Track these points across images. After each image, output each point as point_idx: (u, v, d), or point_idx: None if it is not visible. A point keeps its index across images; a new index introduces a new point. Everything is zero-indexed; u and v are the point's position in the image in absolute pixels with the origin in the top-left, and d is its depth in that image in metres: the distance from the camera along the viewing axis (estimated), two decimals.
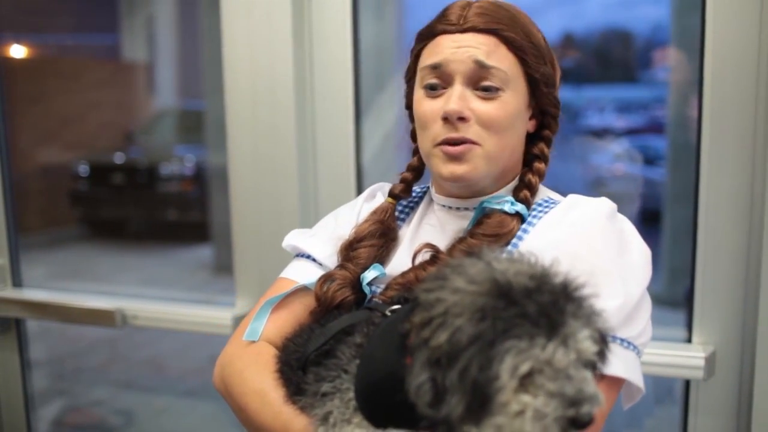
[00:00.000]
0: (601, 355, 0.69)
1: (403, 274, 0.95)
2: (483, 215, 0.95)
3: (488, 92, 0.92)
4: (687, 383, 1.57)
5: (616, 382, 0.84)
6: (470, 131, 0.92)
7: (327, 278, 0.99)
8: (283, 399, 0.88)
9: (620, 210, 0.96)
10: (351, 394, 0.78)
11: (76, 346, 3.72)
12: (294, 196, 1.73)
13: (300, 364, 0.87)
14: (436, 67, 0.94)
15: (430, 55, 0.96)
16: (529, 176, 0.99)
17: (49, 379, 3.01)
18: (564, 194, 1.02)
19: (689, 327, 1.55)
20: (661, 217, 2.68)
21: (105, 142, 7.54)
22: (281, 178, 1.73)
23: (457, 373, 0.61)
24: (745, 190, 1.45)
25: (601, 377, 0.78)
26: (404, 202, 1.10)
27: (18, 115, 6.28)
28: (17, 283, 2.23)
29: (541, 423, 0.61)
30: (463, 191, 1.00)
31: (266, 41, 1.70)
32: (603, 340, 0.69)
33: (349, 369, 0.80)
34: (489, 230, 0.92)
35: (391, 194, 1.07)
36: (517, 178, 1.02)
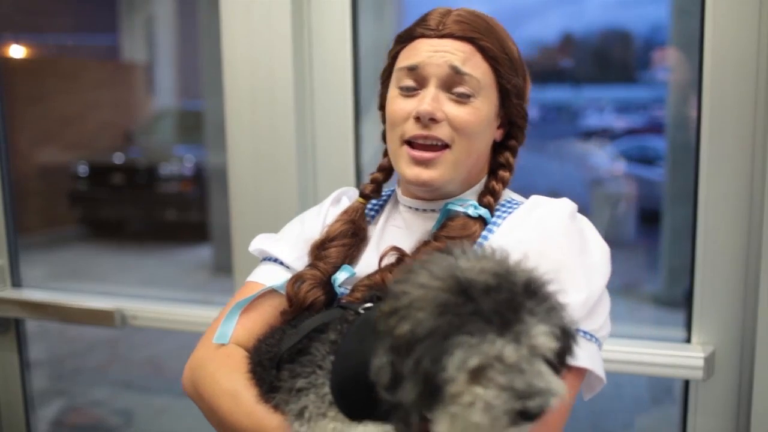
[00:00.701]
0: (566, 349, 0.72)
1: (369, 276, 0.97)
2: (447, 218, 0.98)
3: (461, 97, 0.95)
4: (686, 383, 1.57)
5: (580, 373, 0.88)
6: (441, 132, 0.95)
7: (297, 278, 1.00)
8: (255, 399, 0.89)
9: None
10: (326, 389, 0.80)
11: (75, 346, 3.72)
12: (293, 196, 1.73)
13: (274, 363, 0.89)
14: (412, 69, 0.97)
15: (408, 57, 0.98)
16: (493, 183, 1.01)
17: (48, 379, 3.01)
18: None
19: (688, 327, 1.55)
20: (660, 218, 2.68)
21: (104, 142, 7.54)
22: (281, 178, 1.73)
23: (412, 361, 0.65)
24: (744, 191, 1.45)
25: (568, 369, 0.81)
26: (372, 203, 1.12)
27: (17, 116, 6.28)
28: (17, 283, 2.23)
29: (491, 414, 0.64)
30: (428, 194, 1.02)
31: (266, 41, 1.70)
32: (568, 335, 0.72)
33: (323, 365, 0.82)
34: (453, 233, 0.95)
35: (362, 194, 1.10)
36: (481, 183, 1.05)
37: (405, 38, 1.01)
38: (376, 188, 1.10)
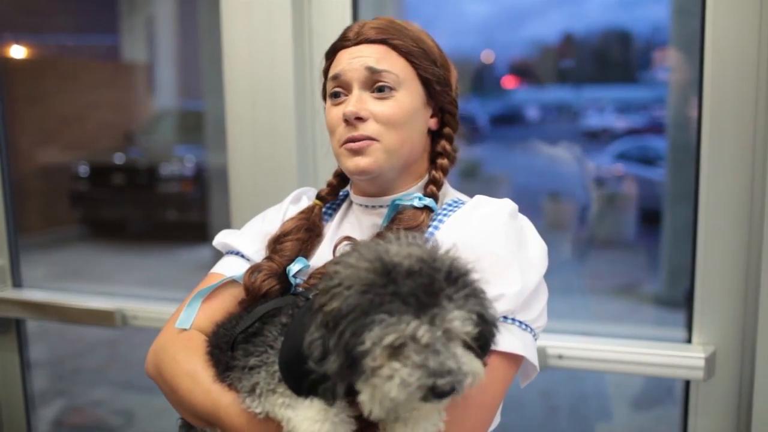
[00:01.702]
0: (486, 335, 0.77)
1: (325, 265, 1.02)
2: (396, 212, 1.05)
3: (383, 92, 1.03)
4: (687, 383, 1.57)
5: (515, 359, 0.94)
6: (368, 129, 1.03)
7: (254, 269, 1.07)
8: (212, 378, 0.96)
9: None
10: (276, 367, 0.85)
11: (76, 346, 3.72)
12: None
13: (229, 345, 0.95)
14: (336, 77, 1.07)
15: (333, 69, 1.09)
16: (434, 173, 1.09)
17: (49, 379, 3.01)
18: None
19: (689, 327, 1.55)
20: (661, 218, 2.68)
21: (105, 142, 7.54)
22: (281, 177, 1.73)
23: (336, 335, 0.71)
24: (745, 191, 1.45)
25: (498, 354, 0.90)
26: (330, 204, 1.20)
27: (18, 116, 6.28)
28: (17, 283, 2.23)
29: (406, 390, 0.70)
30: (373, 187, 1.10)
31: (266, 41, 1.70)
32: (488, 322, 0.76)
33: (275, 345, 0.88)
34: (402, 225, 1.01)
35: (318, 196, 1.19)
36: (425, 177, 1.12)
37: (330, 53, 1.12)
38: (331, 191, 1.19)
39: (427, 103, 1.08)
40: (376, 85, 1.04)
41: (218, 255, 1.22)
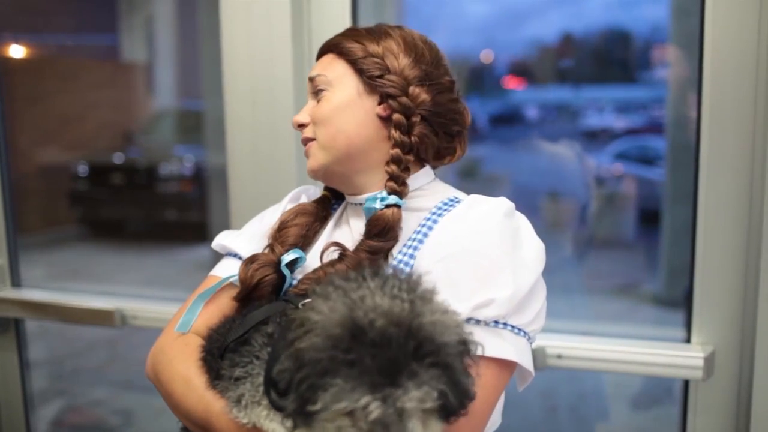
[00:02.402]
0: (452, 405, 0.73)
1: (315, 271, 1.02)
2: (370, 215, 1.03)
3: (318, 95, 1.08)
4: (686, 383, 1.57)
5: (507, 365, 0.93)
6: (308, 131, 1.09)
7: (249, 260, 1.07)
8: (205, 385, 0.96)
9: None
10: (261, 379, 0.84)
11: (75, 346, 3.72)
12: None
13: (220, 352, 0.95)
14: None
15: None
16: (385, 167, 1.06)
17: (48, 379, 3.01)
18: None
19: (688, 327, 1.55)
20: (660, 218, 2.68)
21: (104, 142, 7.53)
22: (280, 177, 1.73)
23: (296, 382, 0.71)
24: (744, 191, 1.45)
25: (487, 360, 0.88)
26: (338, 202, 1.19)
27: (17, 115, 6.28)
28: (16, 283, 2.23)
29: None
30: (340, 186, 1.12)
31: (265, 41, 1.70)
32: (456, 394, 0.73)
33: (260, 355, 0.88)
34: (375, 230, 1.01)
35: (326, 188, 1.19)
36: None
37: None
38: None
39: (367, 92, 1.06)
40: (315, 91, 1.09)
41: (217, 255, 1.23)
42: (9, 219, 2.18)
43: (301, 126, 1.11)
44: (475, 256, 0.92)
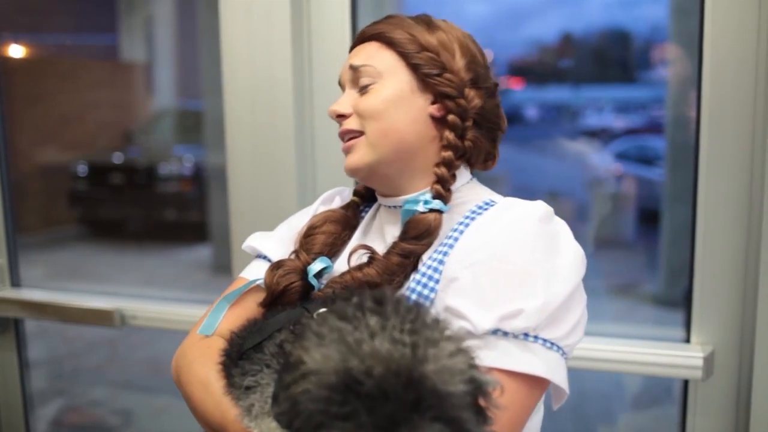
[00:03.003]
0: None
1: (342, 275, 0.98)
2: (408, 217, 0.99)
3: (365, 88, 1.01)
4: (685, 383, 1.57)
5: (538, 382, 0.86)
6: (351, 123, 1.02)
7: (276, 266, 1.04)
8: (223, 390, 0.93)
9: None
10: (270, 389, 0.82)
11: (74, 346, 3.72)
12: (293, 196, 1.73)
13: (238, 357, 0.93)
14: (340, 85, 1.07)
15: None
16: (435, 170, 1.01)
17: (47, 379, 3.01)
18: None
19: (688, 327, 1.55)
20: (659, 217, 2.68)
21: (104, 142, 7.53)
22: (280, 177, 1.73)
23: (294, 428, 0.66)
24: (744, 190, 1.45)
25: (513, 375, 0.83)
26: (368, 204, 1.14)
27: (16, 115, 6.27)
28: (16, 282, 2.22)
29: None
30: (381, 187, 1.06)
31: (265, 41, 1.70)
32: None
33: (271, 364, 0.86)
34: (413, 232, 0.97)
35: (355, 192, 1.14)
36: None
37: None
38: (367, 188, 1.14)
39: (420, 89, 1.01)
40: (359, 82, 1.02)
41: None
42: (8, 219, 2.18)
43: (341, 117, 1.03)
44: (504, 263, 0.87)
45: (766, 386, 1.43)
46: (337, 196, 1.18)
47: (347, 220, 1.09)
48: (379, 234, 1.06)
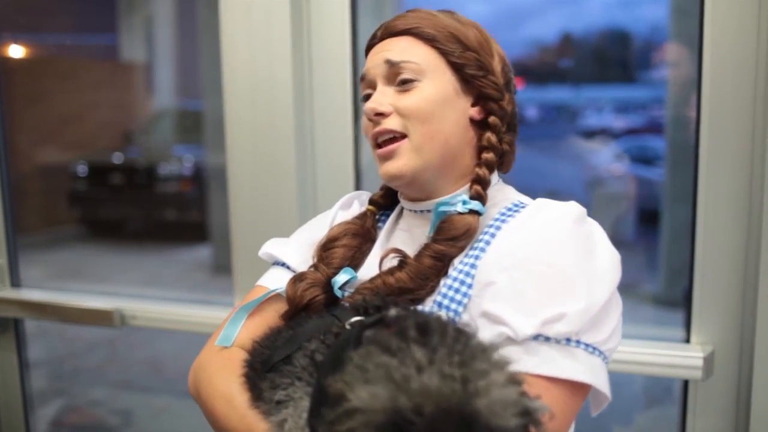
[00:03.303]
0: None
1: (372, 280, 0.95)
2: (442, 219, 0.95)
3: (405, 85, 0.95)
4: (685, 383, 1.57)
5: (581, 388, 0.84)
6: (392, 123, 0.95)
7: (298, 278, 1.00)
8: (248, 403, 0.89)
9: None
10: (304, 403, 0.78)
11: (74, 346, 3.72)
12: (293, 196, 1.73)
13: (265, 368, 0.88)
14: (363, 78, 1.01)
15: (362, 71, 1.02)
16: (477, 169, 0.98)
17: (47, 379, 3.01)
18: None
19: (688, 327, 1.55)
20: (659, 217, 2.68)
21: (103, 142, 7.53)
22: (280, 178, 1.73)
23: None
24: (744, 190, 1.45)
25: (557, 382, 0.80)
26: (385, 211, 1.11)
27: (16, 115, 6.27)
28: (16, 283, 2.22)
29: None
30: (415, 191, 1.01)
31: (265, 41, 1.70)
32: None
33: (302, 376, 0.81)
34: (448, 233, 0.93)
35: (371, 201, 1.09)
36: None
37: (365, 55, 1.05)
38: (384, 195, 1.10)
39: (462, 91, 0.98)
40: (398, 78, 0.96)
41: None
42: (8, 219, 2.18)
43: (380, 115, 0.96)
44: (543, 266, 0.84)
45: (766, 386, 1.43)
46: (355, 201, 1.15)
47: (367, 233, 1.05)
48: (405, 240, 1.02)
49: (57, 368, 3.34)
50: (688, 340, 1.55)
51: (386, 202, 1.10)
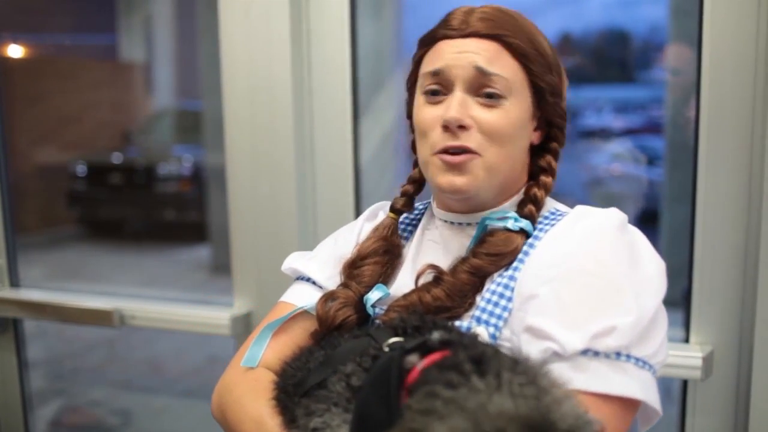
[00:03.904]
0: None
1: (406, 296, 0.91)
2: (485, 233, 0.91)
3: (490, 99, 0.89)
4: (685, 383, 1.57)
5: (632, 404, 0.79)
6: (471, 139, 0.88)
7: (329, 297, 0.95)
8: (279, 427, 0.85)
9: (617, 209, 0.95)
10: (342, 431, 0.75)
11: (73, 346, 3.72)
12: (292, 196, 1.73)
13: (298, 391, 0.85)
14: (436, 74, 0.91)
15: (431, 62, 0.92)
16: (535, 190, 0.94)
17: (46, 379, 3.01)
18: (563, 196, 1.02)
19: (687, 327, 1.55)
20: (658, 217, 2.68)
21: (103, 142, 7.54)
22: (279, 178, 1.73)
23: None
24: (743, 190, 1.45)
25: (609, 399, 0.76)
26: (407, 218, 1.07)
27: (16, 115, 6.27)
28: (15, 283, 2.22)
29: None
30: (463, 205, 0.96)
31: (264, 41, 1.70)
32: None
33: (339, 402, 0.78)
34: (492, 249, 0.89)
35: (392, 209, 1.03)
36: (521, 192, 0.98)
37: (428, 41, 0.95)
38: (407, 202, 1.04)
39: (533, 114, 0.93)
40: (484, 90, 0.88)
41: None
42: (7, 219, 2.18)
43: (461, 128, 0.88)
44: (589, 277, 0.80)
45: (766, 386, 1.43)
46: (380, 212, 1.09)
47: (395, 248, 1.00)
48: (438, 252, 0.98)
49: (56, 368, 3.34)
50: (687, 340, 1.55)
51: (409, 209, 1.05)
